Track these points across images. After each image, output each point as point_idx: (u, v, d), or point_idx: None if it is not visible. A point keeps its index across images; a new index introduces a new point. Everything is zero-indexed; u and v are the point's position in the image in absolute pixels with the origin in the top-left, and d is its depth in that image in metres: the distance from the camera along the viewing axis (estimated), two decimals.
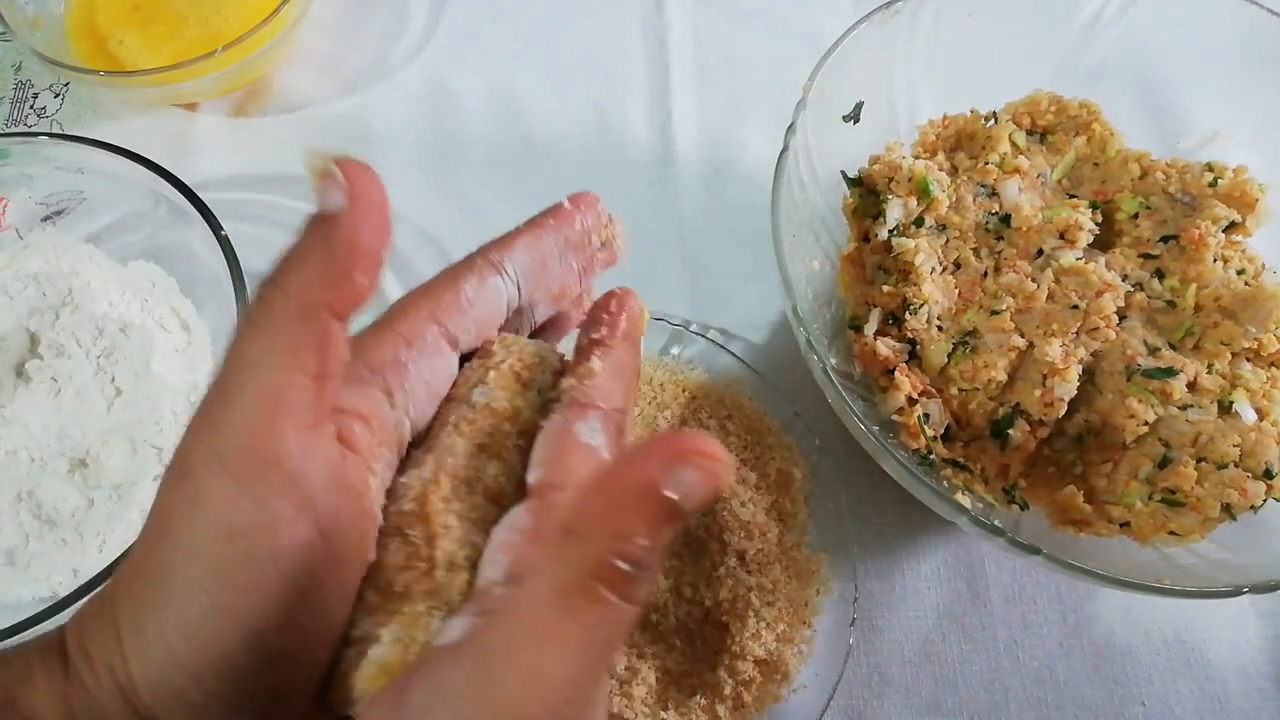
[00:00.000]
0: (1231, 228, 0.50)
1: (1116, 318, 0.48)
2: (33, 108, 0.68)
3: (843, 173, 0.54)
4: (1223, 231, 0.50)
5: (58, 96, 0.69)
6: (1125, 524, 0.46)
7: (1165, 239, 0.51)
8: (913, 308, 0.49)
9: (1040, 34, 0.58)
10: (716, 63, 0.70)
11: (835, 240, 0.55)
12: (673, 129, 0.67)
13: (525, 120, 0.68)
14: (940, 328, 0.49)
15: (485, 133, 0.67)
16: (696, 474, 0.20)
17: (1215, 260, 0.49)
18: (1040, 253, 0.50)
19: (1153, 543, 0.45)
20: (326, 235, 0.22)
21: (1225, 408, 0.46)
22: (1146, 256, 0.51)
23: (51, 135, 0.57)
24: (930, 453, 0.47)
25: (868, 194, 0.54)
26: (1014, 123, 0.55)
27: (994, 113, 0.56)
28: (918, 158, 0.55)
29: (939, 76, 0.57)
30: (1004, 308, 0.48)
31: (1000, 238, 0.51)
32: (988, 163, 0.53)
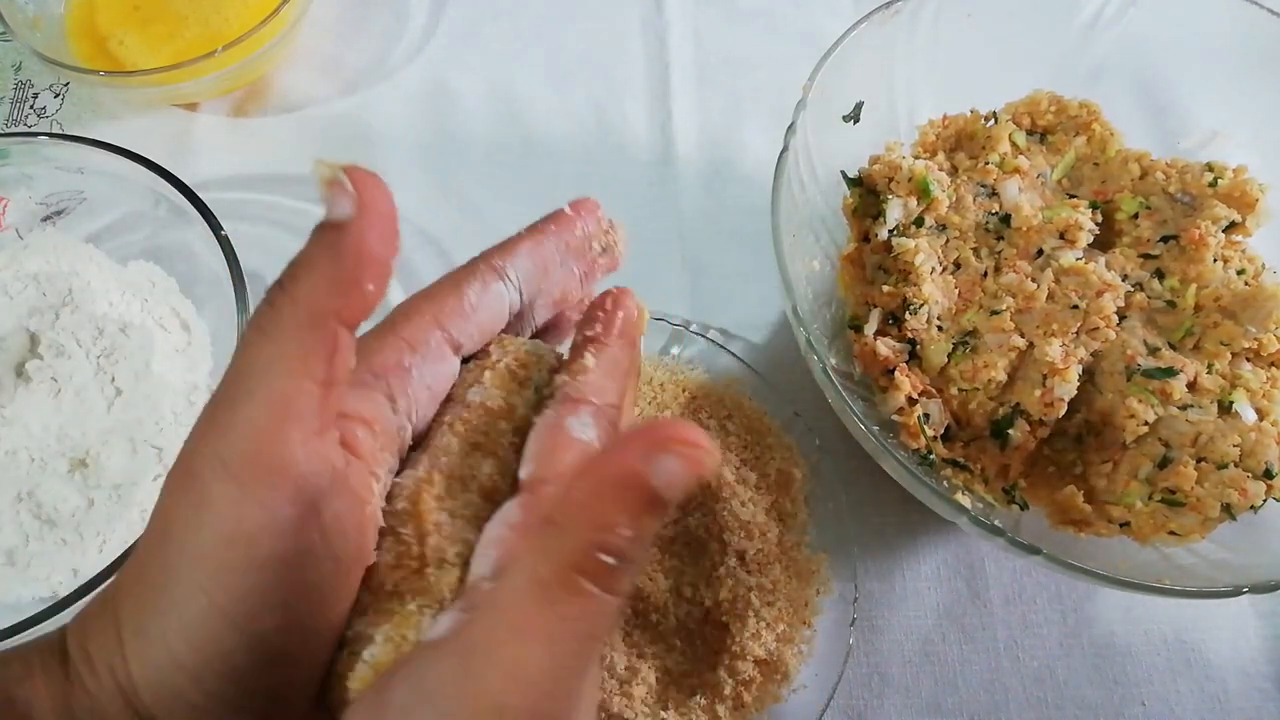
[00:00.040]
0: (1231, 228, 0.50)
1: (1116, 318, 0.48)
2: (33, 108, 0.68)
3: (843, 173, 0.54)
4: (1223, 231, 0.50)
5: (58, 96, 0.69)
6: (1125, 524, 0.46)
7: (1165, 239, 0.51)
8: (913, 308, 0.49)
9: (1040, 34, 0.58)
10: (716, 63, 0.70)
11: (835, 240, 0.55)
12: (673, 129, 0.67)
13: (525, 120, 0.68)
14: (940, 328, 0.49)
15: (485, 133, 0.67)
16: (679, 462, 0.19)
17: (1215, 260, 0.49)
18: (1040, 253, 0.50)
19: (1153, 543, 0.45)
20: (335, 244, 0.22)
21: (1225, 408, 0.46)
22: (1146, 256, 0.51)
23: (51, 135, 0.57)
24: (930, 453, 0.47)
25: (868, 194, 0.54)
26: (1014, 123, 0.55)
27: (994, 113, 0.56)
28: (918, 158, 0.55)
29: (939, 76, 0.57)
30: (1004, 308, 0.48)
31: (1000, 238, 0.51)
32: (988, 163, 0.53)
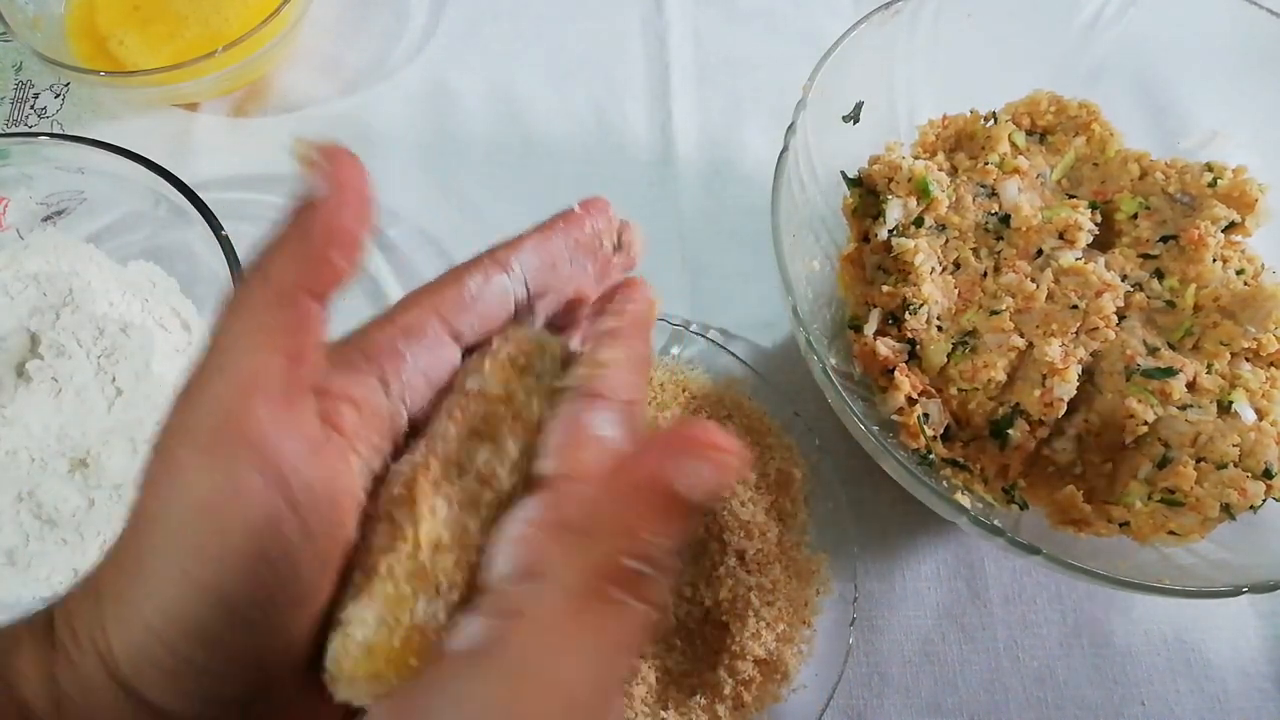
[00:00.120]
0: (1231, 228, 0.50)
1: (1116, 318, 0.48)
2: (33, 108, 0.68)
3: (843, 173, 0.54)
4: (1222, 231, 0.50)
5: (58, 97, 0.69)
6: (1125, 524, 0.46)
7: (1165, 239, 0.51)
8: (912, 308, 0.49)
9: (1040, 34, 0.58)
10: (716, 63, 0.70)
11: (835, 240, 0.55)
12: (673, 129, 0.67)
13: (525, 120, 0.68)
14: (940, 328, 0.50)
15: (485, 133, 0.67)
16: (706, 466, 0.20)
17: (1215, 260, 0.49)
18: (1040, 253, 0.50)
19: (1152, 543, 0.45)
20: (304, 219, 0.22)
21: (1225, 408, 0.46)
22: (1146, 257, 0.51)
23: (52, 135, 0.57)
24: (930, 453, 0.47)
25: (868, 194, 0.54)
26: (1014, 123, 0.55)
27: (994, 113, 0.56)
28: (917, 158, 0.55)
29: (939, 76, 0.57)
30: (1004, 308, 0.48)
31: (1000, 238, 0.51)
32: (987, 163, 0.53)
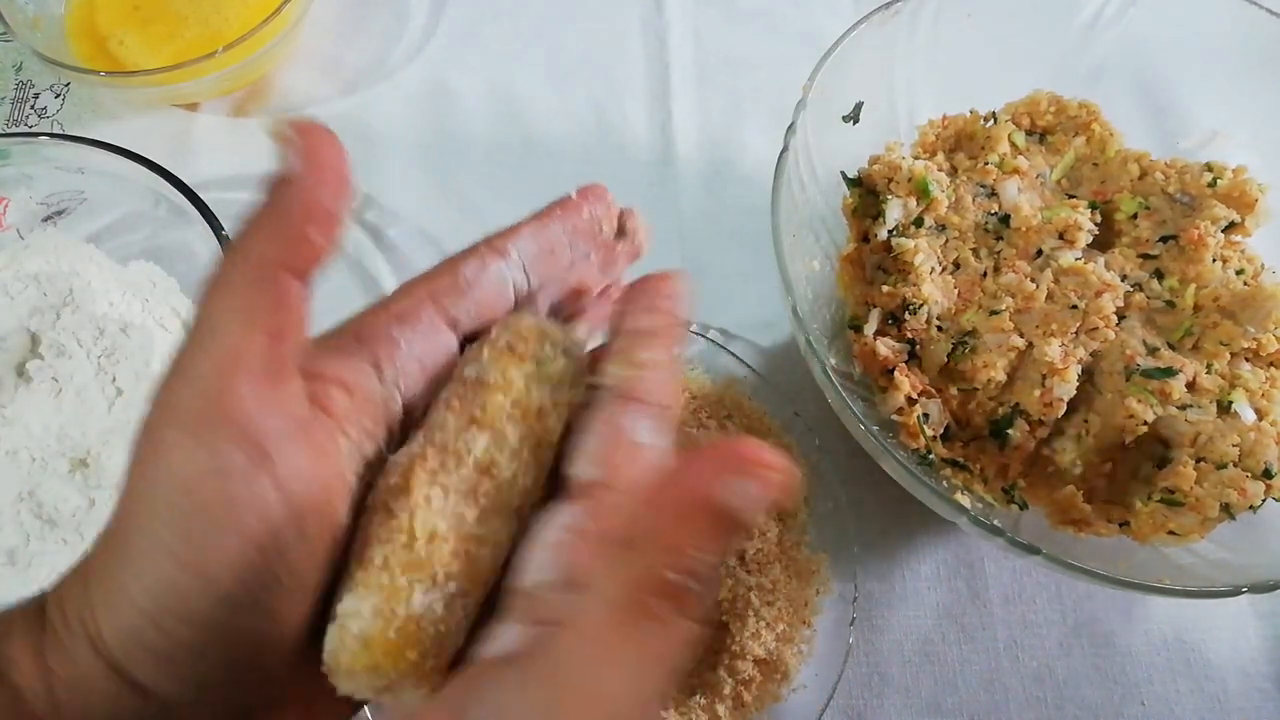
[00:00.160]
0: (1231, 228, 0.50)
1: (1116, 318, 0.48)
2: (33, 108, 0.68)
3: (842, 173, 0.54)
4: (1222, 232, 0.50)
5: (58, 97, 0.69)
6: (1125, 524, 0.46)
7: (1164, 239, 0.51)
8: (912, 308, 0.49)
9: (1040, 34, 0.58)
10: (716, 63, 0.70)
11: (835, 240, 0.55)
12: (673, 129, 0.67)
13: (525, 120, 0.68)
14: (940, 328, 0.50)
15: (485, 133, 0.67)
16: (754, 484, 0.19)
17: (1214, 260, 0.49)
18: (1040, 253, 0.50)
19: (1152, 543, 0.45)
20: (280, 196, 0.22)
21: (1224, 408, 0.46)
22: (1146, 257, 0.51)
23: (52, 135, 0.57)
24: (930, 453, 0.47)
25: (867, 194, 0.54)
26: (1013, 123, 0.55)
27: (994, 113, 0.56)
28: (917, 158, 0.55)
29: (939, 76, 0.57)
30: (1003, 308, 0.48)
31: (1000, 238, 0.51)
32: (987, 163, 0.53)
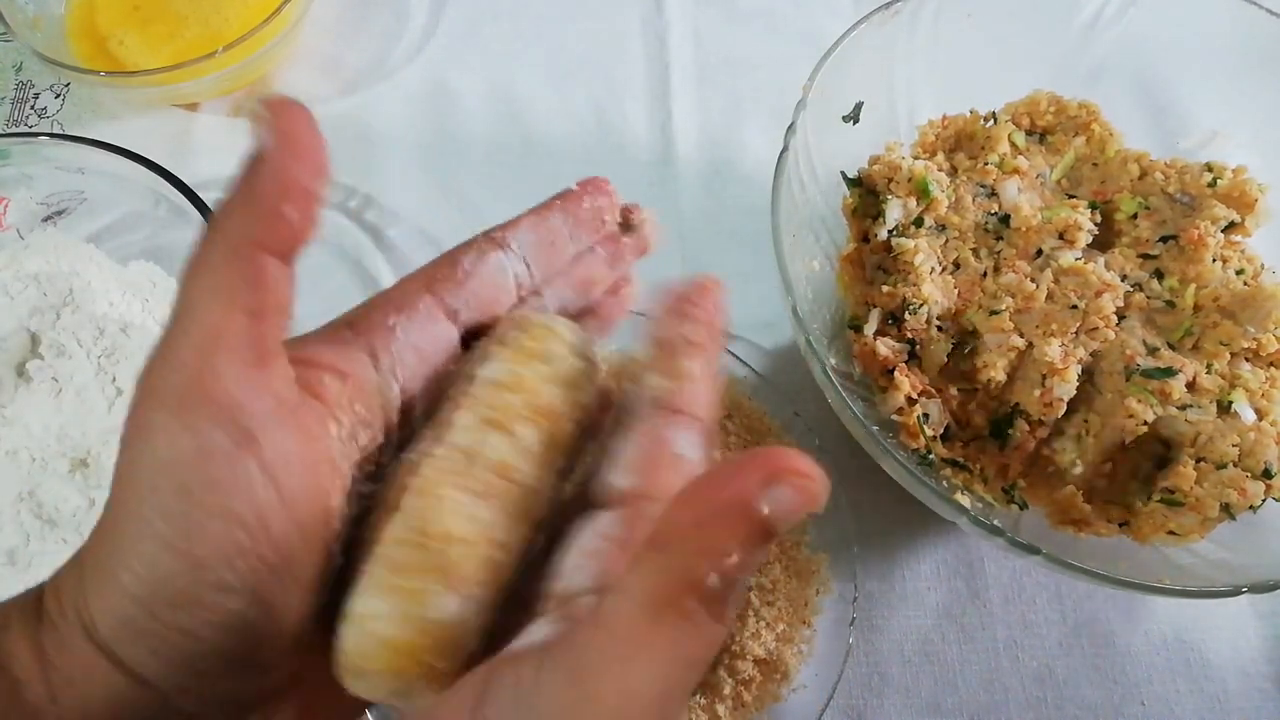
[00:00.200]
0: (1231, 228, 0.50)
1: (1116, 318, 0.48)
2: (33, 108, 0.68)
3: (842, 173, 0.54)
4: (1222, 231, 0.50)
5: (58, 97, 0.69)
6: (1125, 524, 0.46)
7: (1164, 239, 0.51)
8: (912, 308, 0.49)
9: (1040, 34, 0.58)
10: (716, 63, 0.70)
11: (835, 240, 0.55)
12: (673, 129, 0.67)
13: (525, 120, 0.68)
14: (940, 328, 0.50)
15: (485, 133, 0.67)
16: (791, 493, 0.20)
17: (1214, 260, 0.49)
18: (1040, 253, 0.50)
19: (1152, 543, 0.45)
20: (253, 174, 0.22)
21: (1224, 408, 0.46)
22: (1146, 257, 0.51)
23: (52, 135, 0.57)
24: (930, 453, 0.47)
25: (867, 194, 0.54)
26: (1013, 123, 0.55)
27: (994, 113, 0.56)
28: (917, 158, 0.55)
29: (939, 76, 0.57)
30: (1004, 308, 0.48)
31: (1000, 238, 0.51)
32: (987, 163, 0.53)
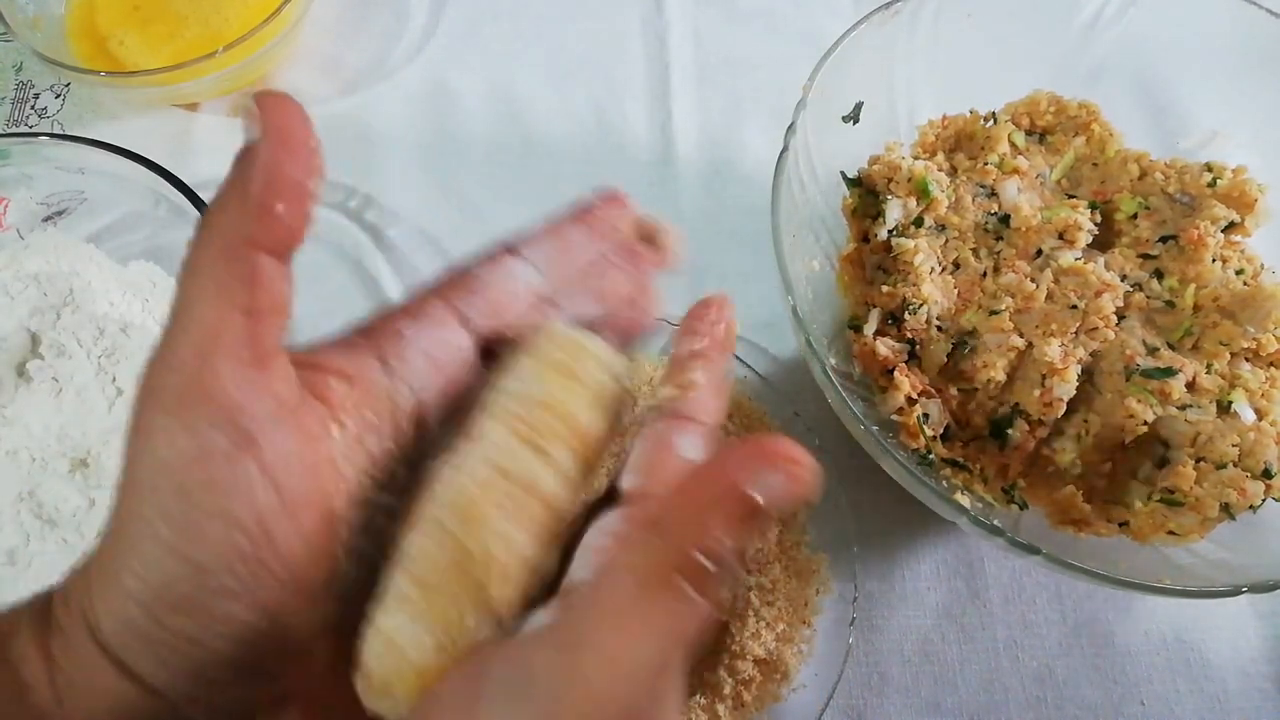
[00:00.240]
0: (1230, 228, 0.50)
1: (1115, 318, 0.48)
2: (34, 108, 0.68)
3: (842, 173, 0.54)
4: (1222, 232, 0.50)
5: (58, 97, 0.69)
6: (1125, 524, 0.46)
7: (1164, 239, 0.51)
8: (912, 308, 0.49)
9: (1040, 34, 0.58)
10: (716, 63, 0.70)
11: (835, 240, 0.55)
12: (673, 129, 0.67)
13: (525, 120, 0.68)
14: (940, 328, 0.50)
15: (485, 133, 0.67)
16: (782, 478, 0.20)
17: (1214, 260, 0.49)
18: (1039, 253, 0.50)
19: (1152, 543, 0.45)
20: (243, 171, 0.22)
21: (1224, 408, 0.46)
22: (1145, 257, 0.51)
23: (52, 135, 0.57)
24: (930, 453, 0.47)
25: (867, 194, 0.54)
26: (1013, 123, 0.55)
27: (993, 113, 0.56)
28: (917, 158, 0.55)
29: (939, 76, 0.57)
30: (1003, 308, 0.48)
31: (999, 238, 0.51)
32: (987, 163, 0.53)
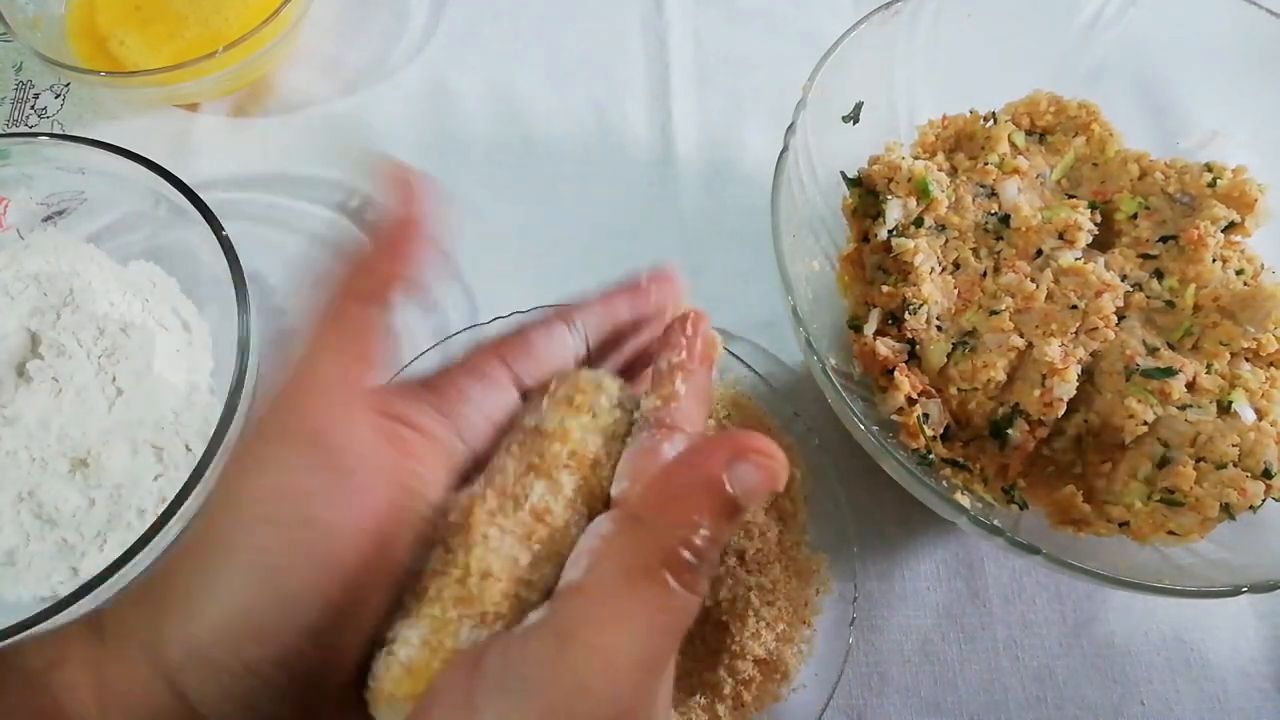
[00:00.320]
0: (1230, 228, 0.50)
1: (1115, 318, 0.48)
2: (34, 108, 0.68)
3: (842, 173, 0.54)
4: (1222, 232, 0.50)
5: (58, 97, 0.69)
6: (1125, 524, 0.46)
7: (1164, 239, 0.51)
8: (912, 308, 0.49)
9: (1040, 34, 0.58)
10: (716, 63, 0.70)
11: (835, 240, 0.55)
12: (673, 129, 0.67)
13: (525, 120, 0.68)
14: (940, 328, 0.50)
15: (485, 133, 0.67)
16: (755, 470, 0.22)
17: (1214, 260, 0.49)
18: (1039, 253, 0.50)
19: (1152, 542, 0.45)
20: (383, 236, 0.25)
21: (1224, 408, 0.46)
22: (1145, 257, 0.51)
23: (52, 135, 0.57)
24: (930, 452, 0.47)
25: (867, 194, 0.54)
26: (1013, 123, 0.55)
27: (993, 113, 0.56)
28: (917, 158, 0.55)
29: (939, 76, 0.57)
30: (1003, 308, 0.48)
31: (999, 238, 0.51)
32: (987, 163, 0.53)
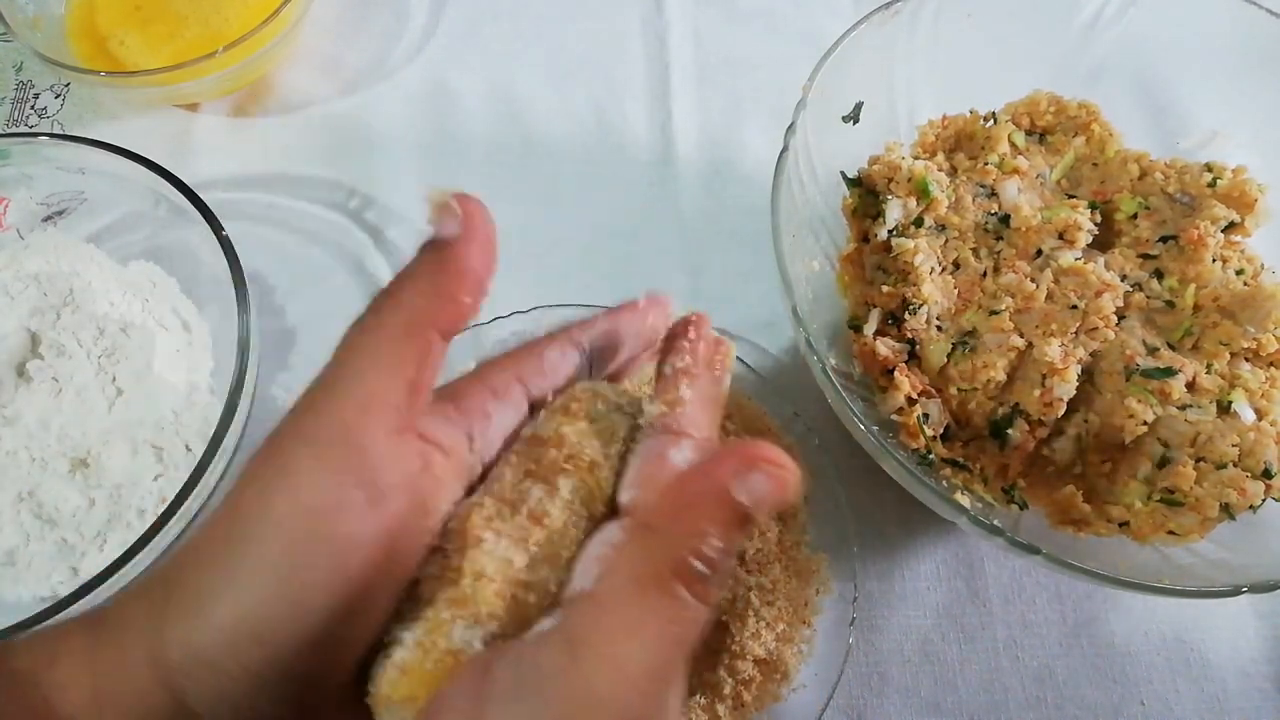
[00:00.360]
0: (1230, 228, 0.50)
1: (1115, 318, 0.48)
2: (34, 108, 0.68)
3: (842, 173, 0.54)
4: (1222, 232, 0.50)
5: (58, 97, 0.69)
6: (1124, 524, 0.46)
7: (1164, 239, 0.51)
8: (912, 308, 0.49)
9: (1040, 34, 0.58)
10: (716, 63, 0.70)
11: (835, 240, 0.55)
12: (673, 129, 0.67)
13: (525, 120, 0.68)
14: (940, 328, 0.50)
15: (485, 133, 0.67)
16: (766, 480, 0.21)
17: (1214, 260, 0.49)
18: (1039, 253, 0.50)
19: (1152, 542, 0.45)
20: (438, 258, 0.24)
21: (1224, 408, 0.46)
22: (1145, 257, 0.51)
23: (52, 135, 0.57)
24: (930, 452, 0.47)
25: (867, 194, 0.54)
26: (1013, 123, 0.55)
27: (993, 113, 0.56)
28: (917, 158, 0.55)
29: (939, 76, 0.57)
30: (1003, 308, 0.48)
31: (999, 238, 0.51)
32: (987, 163, 0.53)
